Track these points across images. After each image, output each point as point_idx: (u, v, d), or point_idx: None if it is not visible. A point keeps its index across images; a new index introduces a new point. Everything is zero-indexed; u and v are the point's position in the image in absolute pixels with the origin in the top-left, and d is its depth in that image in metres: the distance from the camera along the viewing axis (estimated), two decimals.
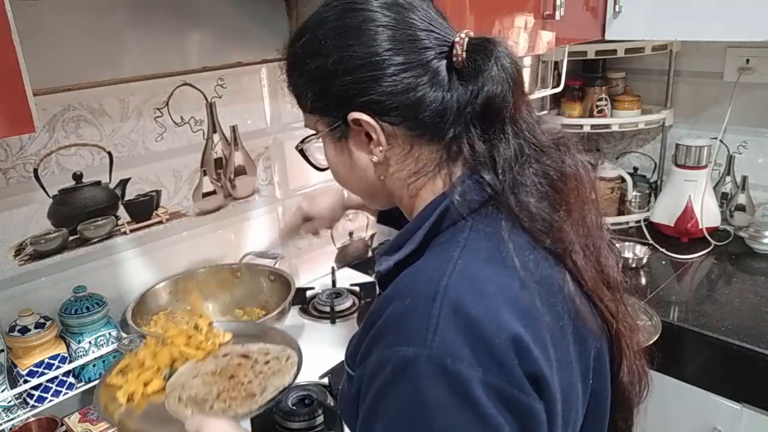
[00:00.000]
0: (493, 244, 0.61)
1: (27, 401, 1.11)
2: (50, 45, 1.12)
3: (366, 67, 0.63)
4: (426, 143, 0.66)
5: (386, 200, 0.73)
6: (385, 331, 0.58)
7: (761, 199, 1.83)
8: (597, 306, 0.67)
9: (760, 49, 1.71)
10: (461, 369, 0.53)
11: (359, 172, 0.70)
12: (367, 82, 0.63)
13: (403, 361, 0.55)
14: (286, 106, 1.52)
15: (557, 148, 0.66)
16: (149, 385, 0.94)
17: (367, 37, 0.63)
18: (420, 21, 0.64)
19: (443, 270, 0.58)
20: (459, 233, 0.62)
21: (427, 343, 0.54)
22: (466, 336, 0.54)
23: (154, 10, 1.24)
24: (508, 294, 0.58)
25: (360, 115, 0.64)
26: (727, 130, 1.79)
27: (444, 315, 0.55)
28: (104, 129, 1.22)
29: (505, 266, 0.60)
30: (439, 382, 0.53)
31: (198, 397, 0.89)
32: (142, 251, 1.33)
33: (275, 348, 1.01)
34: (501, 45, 0.64)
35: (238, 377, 0.93)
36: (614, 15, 1.59)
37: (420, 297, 0.57)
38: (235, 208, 1.47)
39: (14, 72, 0.72)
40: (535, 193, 0.63)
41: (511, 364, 0.55)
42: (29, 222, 1.15)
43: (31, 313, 1.11)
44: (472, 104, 0.63)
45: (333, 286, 1.58)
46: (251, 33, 1.41)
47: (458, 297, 0.56)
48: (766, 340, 1.31)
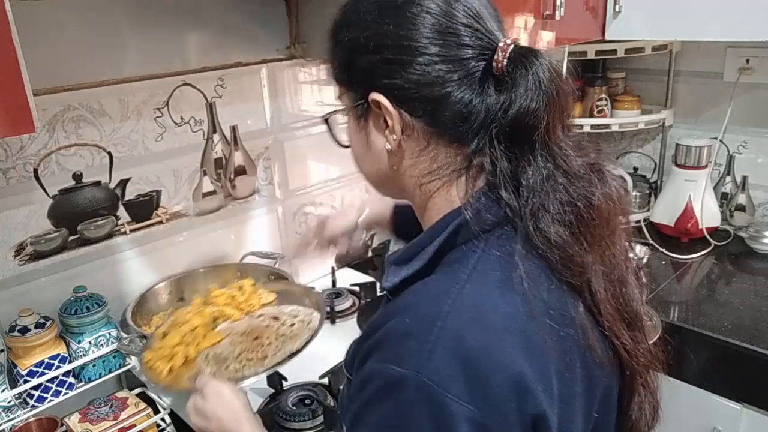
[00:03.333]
0: (504, 268, 0.58)
1: (27, 401, 1.11)
2: (50, 45, 1.12)
3: (397, 49, 0.60)
4: (444, 144, 0.62)
5: (396, 192, 0.71)
6: (381, 344, 0.57)
7: (761, 199, 1.83)
8: (613, 341, 0.63)
9: (760, 49, 1.71)
10: (449, 402, 0.51)
11: (373, 156, 0.67)
12: (395, 65, 0.60)
13: (391, 379, 0.53)
14: (286, 106, 1.52)
15: (590, 176, 0.62)
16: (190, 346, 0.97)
17: (407, 20, 0.60)
18: (466, 16, 0.60)
19: (449, 293, 0.56)
20: (471, 254, 0.59)
21: (420, 367, 0.52)
22: (463, 369, 0.52)
23: (154, 9, 1.24)
24: (513, 326, 0.55)
25: (380, 97, 0.62)
26: (727, 130, 1.79)
27: (442, 342, 0.53)
28: (104, 129, 1.21)
29: (514, 293, 0.56)
30: (424, 410, 0.52)
31: (221, 356, 0.91)
32: (142, 251, 1.33)
33: (305, 311, 1.01)
34: (544, 59, 0.60)
35: (262, 339, 0.94)
36: (614, 15, 1.59)
37: (421, 318, 0.55)
38: (235, 208, 1.47)
39: (14, 72, 0.72)
40: (557, 221, 0.59)
41: (507, 407, 0.53)
42: (29, 222, 1.15)
43: (31, 313, 1.11)
44: (501, 116, 0.59)
45: (333, 286, 1.58)
46: (251, 33, 1.41)
47: (460, 325, 0.54)
48: (766, 340, 1.31)
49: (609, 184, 0.63)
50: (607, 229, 0.62)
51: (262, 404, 1.14)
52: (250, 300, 1.05)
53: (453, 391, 0.51)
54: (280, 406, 1.10)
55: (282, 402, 1.11)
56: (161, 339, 0.98)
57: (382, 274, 0.69)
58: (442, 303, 0.55)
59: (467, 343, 0.53)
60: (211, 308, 1.02)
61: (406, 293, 0.60)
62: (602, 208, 0.61)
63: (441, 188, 0.64)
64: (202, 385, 0.83)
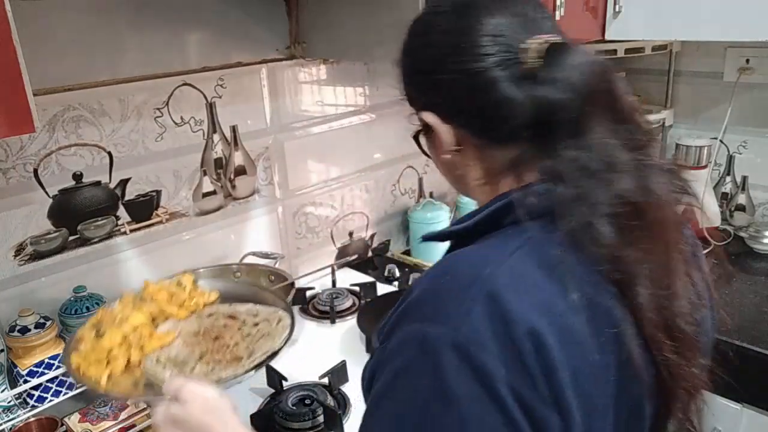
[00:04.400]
0: (547, 255, 0.57)
1: (27, 401, 1.11)
2: (50, 45, 1.11)
3: (431, 70, 0.65)
4: (493, 147, 0.65)
5: (473, 196, 0.72)
6: (415, 305, 0.56)
7: (761, 199, 1.83)
8: (653, 353, 0.59)
9: (760, 49, 1.71)
10: (486, 361, 0.50)
11: (443, 167, 0.72)
12: (433, 85, 0.65)
13: (428, 338, 0.52)
14: (286, 106, 1.52)
15: (642, 170, 0.60)
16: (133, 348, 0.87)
17: (434, 40, 0.65)
18: (489, 24, 0.62)
19: (492, 260, 0.56)
20: (516, 235, 0.59)
21: (455, 325, 0.52)
22: (497, 330, 0.51)
23: (154, 10, 1.24)
24: (551, 308, 0.54)
25: (428, 116, 0.66)
26: (727, 130, 1.79)
27: (479, 301, 0.52)
28: (104, 129, 1.21)
29: (555, 280, 0.55)
30: (463, 370, 0.51)
31: (178, 359, 0.84)
32: (142, 251, 1.33)
33: (265, 310, 0.96)
34: (579, 52, 0.60)
35: (224, 339, 0.88)
36: (614, 15, 1.58)
37: (459, 277, 0.55)
38: (235, 208, 1.47)
39: (14, 72, 0.72)
40: (600, 215, 0.57)
41: (537, 376, 0.51)
42: (29, 222, 1.15)
43: (31, 313, 1.11)
44: (542, 111, 0.60)
45: (333, 286, 1.58)
46: (251, 33, 1.41)
47: (498, 288, 0.53)
48: (766, 340, 1.31)
49: (658, 181, 0.61)
50: (655, 228, 0.59)
51: (262, 404, 1.14)
52: (195, 298, 0.97)
53: (489, 349, 0.51)
54: (280, 406, 1.10)
55: (282, 402, 1.11)
56: (95, 340, 0.86)
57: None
58: (484, 267, 0.55)
59: (505, 306, 0.52)
60: (149, 305, 0.92)
61: (445, 257, 0.60)
62: (653, 205, 0.59)
63: (494, 188, 0.66)
64: (176, 389, 0.69)
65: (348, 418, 1.11)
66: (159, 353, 0.86)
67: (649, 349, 0.58)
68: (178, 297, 0.96)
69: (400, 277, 1.62)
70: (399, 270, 1.64)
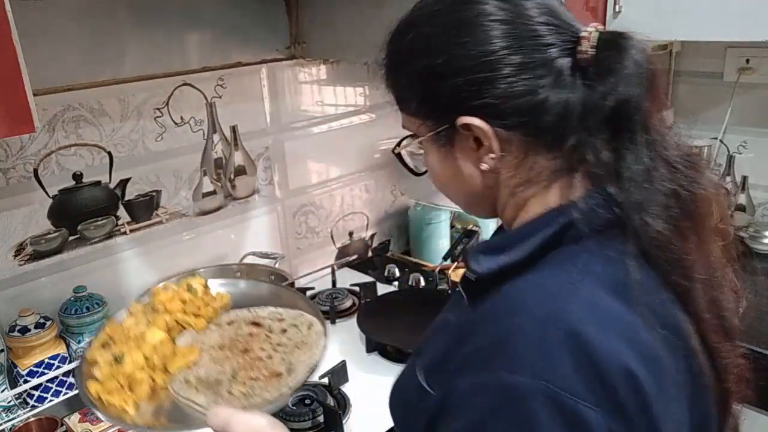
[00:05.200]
0: (616, 272, 0.54)
1: (27, 401, 1.11)
2: (50, 45, 1.11)
3: (480, 67, 0.57)
4: (543, 150, 0.59)
5: (488, 210, 0.66)
6: (486, 351, 0.51)
7: (761, 199, 1.83)
8: (716, 360, 0.58)
9: (760, 49, 1.71)
10: (582, 410, 0.46)
11: (463, 180, 0.63)
12: (481, 84, 0.57)
13: (508, 389, 0.48)
14: (286, 106, 1.52)
15: (689, 166, 0.58)
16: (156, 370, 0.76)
17: (482, 34, 0.57)
18: (540, 14, 0.58)
19: (561, 292, 0.52)
20: (580, 254, 0.55)
21: (541, 372, 0.47)
22: (582, 369, 0.47)
23: (155, 10, 1.24)
24: (633, 336, 0.51)
25: (471, 119, 0.58)
26: (727, 130, 1.79)
27: (559, 342, 0.48)
28: (104, 129, 1.21)
29: (629, 303, 0.52)
30: (557, 421, 0.46)
31: (209, 378, 0.74)
32: (142, 251, 1.32)
33: (288, 313, 0.86)
34: (636, 41, 0.56)
35: (254, 351, 0.78)
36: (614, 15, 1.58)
37: (532, 317, 0.50)
38: (235, 208, 1.47)
39: (14, 72, 0.72)
40: (663, 215, 0.55)
41: (632, 411, 0.48)
42: (29, 222, 1.15)
43: (31, 313, 1.11)
44: (600, 107, 0.56)
45: (333, 286, 1.58)
46: (251, 33, 1.41)
47: (576, 325, 0.49)
48: (766, 340, 1.31)
49: (707, 176, 0.59)
50: (707, 226, 0.58)
51: None
52: (209, 304, 0.86)
53: (580, 395, 0.47)
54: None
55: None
56: (112, 364, 0.74)
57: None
58: (555, 301, 0.51)
59: (587, 342, 0.48)
60: (162, 317, 0.82)
61: (507, 292, 0.54)
62: (706, 200, 0.58)
63: (537, 193, 0.61)
64: (224, 422, 0.61)
65: (348, 418, 1.11)
66: (186, 373, 0.75)
67: (712, 355, 0.58)
68: (193, 305, 0.85)
69: (400, 277, 1.62)
70: (399, 270, 1.64)
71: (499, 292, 0.55)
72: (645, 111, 0.56)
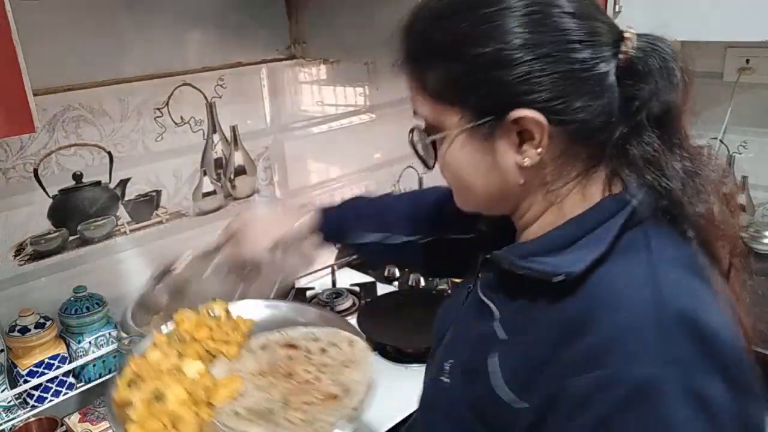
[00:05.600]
0: (684, 255, 0.56)
1: (27, 401, 1.11)
2: (50, 45, 1.11)
3: (543, 59, 0.55)
4: (584, 146, 0.59)
5: (509, 207, 0.65)
6: (600, 347, 0.50)
7: (761, 199, 1.83)
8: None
9: (760, 49, 1.71)
10: (709, 388, 0.47)
11: (494, 175, 0.61)
12: (540, 77, 0.55)
13: (637, 381, 0.48)
14: (286, 106, 1.52)
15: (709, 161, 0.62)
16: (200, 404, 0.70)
17: (555, 24, 0.56)
18: (596, 9, 0.58)
19: (652, 277, 0.53)
20: (645, 239, 0.57)
21: (661, 359, 0.48)
22: (701, 348, 0.49)
23: (154, 9, 1.24)
24: (722, 311, 0.53)
25: (529, 113, 0.56)
26: (727, 130, 1.79)
27: (672, 326, 0.49)
28: (104, 129, 1.21)
29: (705, 281, 0.55)
30: (688, 404, 0.47)
31: (259, 408, 0.69)
32: (142, 251, 1.32)
33: (322, 331, 0.82)
34: (668, 43, 0.59)
35: (298, 375, 0.74)
36: (614, 15, 1.58)
37: (638, 307, 0.51)
38: (235, 208, 1.47)
39: (14, 72, 0.73)
40: (702, 200, 0.58)
41: (746, 383, 0.49)
42: (29, 222, 1.15)
43: (31, 313, 1.11)
44: (641, 106, 0.57)
45: (333, 286, 1.58)
46: (251, 33, 1.41)
47: (683, 306, 0.50)
48: (766, 340, 1.31)
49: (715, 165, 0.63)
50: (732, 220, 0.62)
51: None
52: (237, 328, 0.82)
53: (705, 374, 0.48)
54: None
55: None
56: (151, 402, 0.68)
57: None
58: (653, 288, 0.52)
59: (698, 323, 0.50)
60: (192, 346, 0.77)
61: (599, 286, 0.54)
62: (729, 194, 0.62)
63: (574, 189, 0.61)
64: None
65: None
66: (232, 405, 0.70)
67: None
68: (220, 331, 0.80)
69: (400, 277, 1.62)
70: (399, 270, 1.64)
71: (584, 288, 0.55)
72: (680, 110, 0.59)
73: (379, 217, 0.99)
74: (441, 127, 0.62)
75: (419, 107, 0.64)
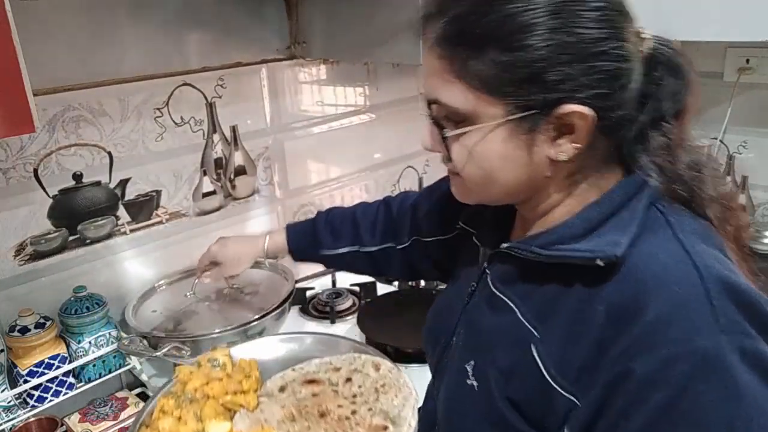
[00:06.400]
0: (703, 229, 0.59)
1: (27, 401, 1.11)
2: (50, 45, 1.11)
3: (600, 54, 0.55)
4: (607, 139, 0.60)
5: (524, 198, 0.65)
6: (659, 326, 0.51)
7: (761, 199, 1.82)
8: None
9: (760, 49, 1.71)
10: (763, 352, 0.50)
11: (525, 169, 0.60)
12: (594, 72, 0.55)
13: (702, 352, 0.49)
14: (286, 106, 1.52)
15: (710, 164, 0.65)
16: None
17: (607, 20, 0.56)
18: (624, 5, 0.60)
19: (682, 250, 0.55)
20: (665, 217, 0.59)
21: (721, 327, 0.50)
22: (747, 312, 0.52)
23: (154, 10, 1.24)
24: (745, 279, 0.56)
25: (578, 107, 0.56)
26: (727, 130, 1.79)
27: (720, 295, 0.51)
28: (104, 129, 1.21)
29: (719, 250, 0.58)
30: (749, 367, 0.49)
31: None
32: (142, 251, 1.33)
33: (339, 359, 0.76)
34: (676, 44, 0.62)
35: (332, 412, 0.68)
36: None
37: (685, 281, 0.53)
38: (235, 208, 1.47)
39: (14, 72, 0.72)
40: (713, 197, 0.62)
41: None
42: (29, 222, 1.15)
43: (31, 313, 1.11)
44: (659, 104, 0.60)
45: (333, 286, 1.58)
46: (251, 33, 1.41)
47: (723, 275, 0.53)
48: None
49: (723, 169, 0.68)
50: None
51: None
52: (247, 374, 0.75)
53: (756, 335, 0.51)
54: None
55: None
56: None
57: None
58: (687, 259, 0.54)
59: (740, 289, 0.53)
60: (210, 405, 0.70)
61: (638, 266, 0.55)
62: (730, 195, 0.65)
63: (589, 179, 0.62)
64: None
65: None
66: None
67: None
68: (233, 381, 0.73)
69: None
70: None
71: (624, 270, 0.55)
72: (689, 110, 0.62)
73: (351, 227, 1.02)
74: (474, 117, 0.59)
75: (445, 94, 0.59)
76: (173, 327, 1.21)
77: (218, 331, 1.16)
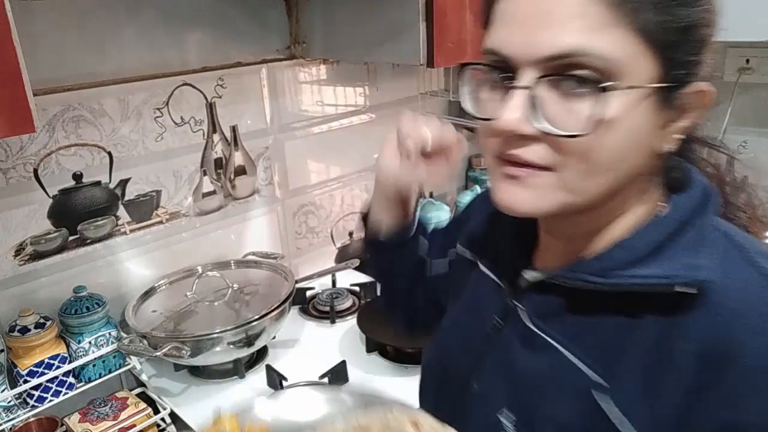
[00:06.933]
0: (751, 241, 0.54)
1: (27, 401, 1.11)
2: (50, 45, 1.12)
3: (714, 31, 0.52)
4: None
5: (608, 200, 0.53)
6: (763, 365, 0.45)
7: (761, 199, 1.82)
8: None
9: (760, 49, 1.71)
10: None
11: (642, 156, 0.51)
12: (711, 52, 0.52)
13: None
14: (286, 106, 1.52)
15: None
16: None
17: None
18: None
19: (757, 274, 0.49)
20: (716, 229, 0.53)
21: None
22: None
23: (155, 10, 1.24)
24: None
25: (706, 86, 0.51)
26: (727, 130, 1.79)
27: None
28: (104, 129, 1.22)
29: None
30: None
31: None
32: (142, 251, 1.33)
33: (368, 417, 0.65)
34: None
35: None
36: None
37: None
38: (235, 208, 1.47)
39: (14, 72, 0.72)
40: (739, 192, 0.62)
41: None
42: (29, 222, 1.15)
43: (31, 313, 1.11)
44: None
45: (333, 286, 1.58)
46: (251, 33, 1.41)
47: None
48: None
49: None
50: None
51: None
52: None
53: None
54: None
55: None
56: None
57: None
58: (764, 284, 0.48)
59: None
60: None
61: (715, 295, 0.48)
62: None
63: (655, 186, 0.55)
64: None
65: None
66: None
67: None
68: None
69: None
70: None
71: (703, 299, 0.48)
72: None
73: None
74: (620, 73, 0.47)
75: (597, 40, 0.46)
76: (173, 327, 1.21)
77: (218, 331, 1.16)
